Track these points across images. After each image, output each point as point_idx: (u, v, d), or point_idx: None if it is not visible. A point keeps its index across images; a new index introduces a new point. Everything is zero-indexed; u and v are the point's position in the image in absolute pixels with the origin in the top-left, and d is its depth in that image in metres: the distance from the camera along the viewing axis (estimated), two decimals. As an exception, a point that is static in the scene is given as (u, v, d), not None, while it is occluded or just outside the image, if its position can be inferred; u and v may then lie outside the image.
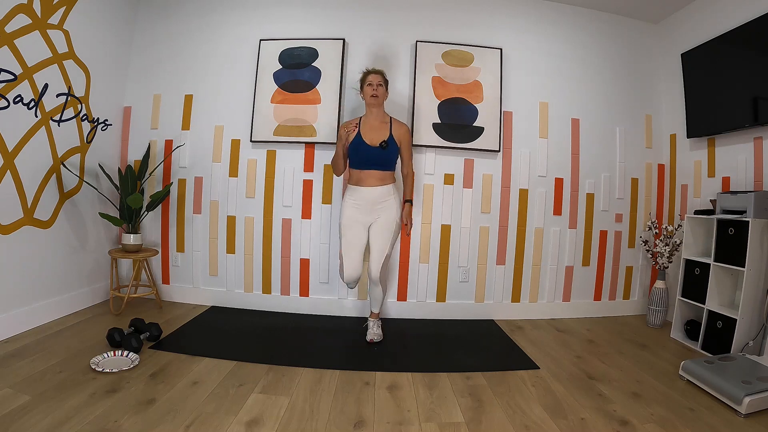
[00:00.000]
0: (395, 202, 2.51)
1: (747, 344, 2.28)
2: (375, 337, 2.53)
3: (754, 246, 2.26)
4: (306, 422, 1.61)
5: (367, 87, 2.49)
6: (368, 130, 2.49)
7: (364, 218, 2.49)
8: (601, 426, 1.66)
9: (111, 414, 1.56)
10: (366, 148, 2.45)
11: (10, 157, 2.21)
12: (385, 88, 2.54)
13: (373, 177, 2.47)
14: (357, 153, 2.47)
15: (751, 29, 2.47)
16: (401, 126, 2.55)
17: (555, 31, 3.18)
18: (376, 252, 2.47)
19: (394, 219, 2.50)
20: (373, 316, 2.63)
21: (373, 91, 2.47)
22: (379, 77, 2.50)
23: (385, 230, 2.48)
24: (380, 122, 2.52)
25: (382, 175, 2.49)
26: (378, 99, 2.49)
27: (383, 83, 2.51)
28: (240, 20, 3.09)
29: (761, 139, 2.51)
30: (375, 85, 2.47)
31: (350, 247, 2.49)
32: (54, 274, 2.55)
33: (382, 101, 2.52)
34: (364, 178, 2.48)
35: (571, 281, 3.20)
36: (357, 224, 2.49)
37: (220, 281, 3.11)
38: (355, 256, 2.48)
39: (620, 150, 3.24)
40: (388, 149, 2.46)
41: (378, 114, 2.53)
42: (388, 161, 2.50)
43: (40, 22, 2.32)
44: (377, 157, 2.46)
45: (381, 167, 2.48)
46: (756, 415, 1.73)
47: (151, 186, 3.11)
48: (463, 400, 1.85)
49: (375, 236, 2.49)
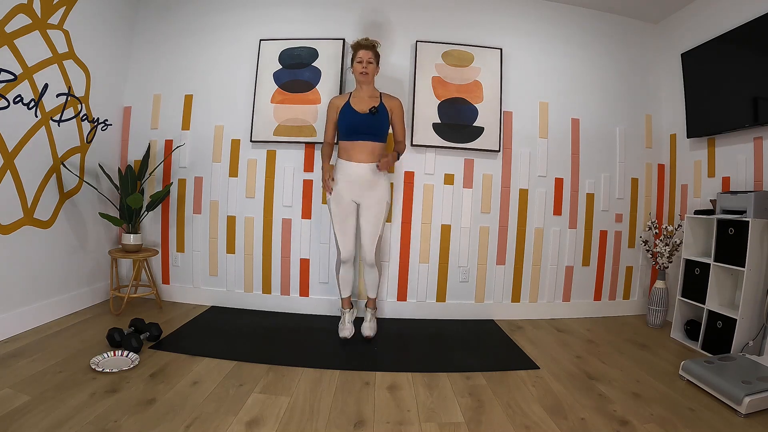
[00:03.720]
0: (385, 182, 2.49)
1: (747, 344, 2.28)
2: (371, 332, 2.51)
3: (754, 246, 2.26)
4: (306, 422, 1.61)
5: (356, 64, 2.42)
6: (358, 102, 2.46)
7: (353, 195, 2.46)
8: (601, 426, 1.66)
9: (111, 414, 1.56)
10: (355, 114, 2.40)
11: (10, 157, 2.21)
12: (376, 64, 2.47)
13: (364, 150, 2.41)
14: (346, 120, 2.41)
15: (751, 29, 2.47)
16: (393, 98, 2.52)
17: (555, 31, 3.18)
18: (368, 235, 2.47)
19: (384, 200, 2.47)
20: (369, 303, 2.62)
21: (363, 69, 2.41)
22: (369, 53, 2.41)
23: (376, 214, 2.47)
24: (369, 96, 2.48)
25: (372, 147, 2.42)
26: (368, 76, 2.43)
27: (373, 60, 2.43)
28: (240, 20, 3.09)
29: (761, 139, 2.51)
30: (365, 62, 2.40)
31: (342, 226, 2.49)
32: (54, 274, 2.55)
33: (372, 78, 2.47)
34: (354, 152, 2.41)
35: (571, 281, 3.20)
36: (346, 201, 2.47)
37: (220, 281, 3.11)
38: (348, 236, 2.49)
39: (620, 150, 3.24)
40: (379, 116, 2.41)
41: (368, 89, 2.49)
42: (379, 129, 2.44)
43: (40, 22, 2.32)
44: (367, 124, 2.40)
45: (371, 136, 2.41)
46: (756, 415, 1.73)
47: (151, 186, 3.11)
48: (463, 400, 1.85)
49: (366, 221, 2.47)
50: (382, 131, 2.46)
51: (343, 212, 2.48)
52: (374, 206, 2.47)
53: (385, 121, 2.47)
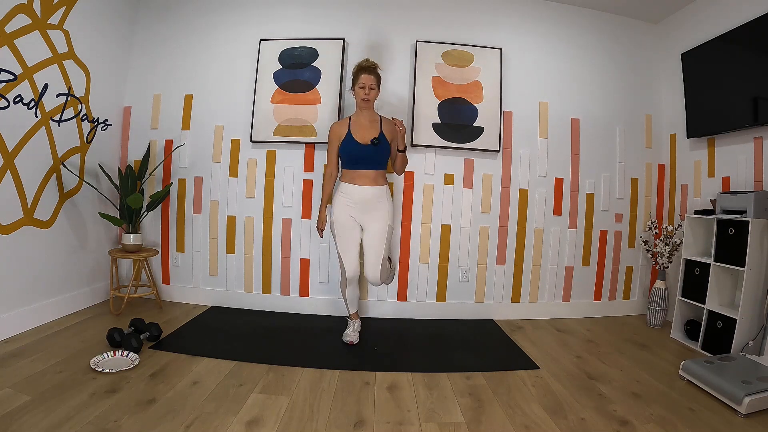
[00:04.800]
0: (388, 204, 2.49)
1: (747, 344, 2.28)
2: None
3: (754, 246, 2.26)
4: (306, 422, 1.61)
5: (359, 89, 2.42)
6: (358, 128, 2.46)
7: (357, 216, 2.47)
8: (601, 426, 1.66)
9: (111, 414, 1.56)
10: (357, 146, 2.42)
11: (10, 157, 2.21)
12: (378, 88, 2.48)
13: (366, 177, 2.44)
14: (348, 151, 2.44)
15: (751, 29, 2.47)
16: (391, 123, 2.53)
17: (555, 31, 3.18)
18: (372, 257, 2.45)
19: (386, 222, 2.47)
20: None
21: (365, 95, 2.41)
22: (372, 79, 2.42)
23: (379, 236, 2.45)
24: (370, 121, 2.49)
25: (374, 175, 2.45)
26: (369, 103, 2.45)
27: (375, 85, 2.44)
28: (240, 20, 3.09)
29: (761, 139, 2.51)
30: (367, 88, 2.41)
31: (347, 247, 2.47)
32: (54, 274, 2.55)
33: (372, 104, 2.49)
34: (356, 177, 2.44)
35: (571, 281, 3.20)
36: (350, 222, 2.47)
37: (220, 281, 3.11)
38: (353, 255, 2.48)
39: (620, 150, 3.24)
40: (380, 146, 2.43)
41: (368, 114, 2.50)
42: (380, 159, 2.47)
43: (40, 22, 2.32)
44: (369, 155, 2.42)
45: (373, 166, 2.44)
46: (756, 415, 1.73)
47: (151, 186, 3.11)
48: (463, 400, 1.85)
49: (369, 242, 2.46)
50: (383, 160, 2.49)
51: (347, 231, 2.47)
52: (377, 231, 2.45)
53: (386, 151, 2.48)
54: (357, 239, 2.49)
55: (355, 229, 2.48)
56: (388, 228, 2.48)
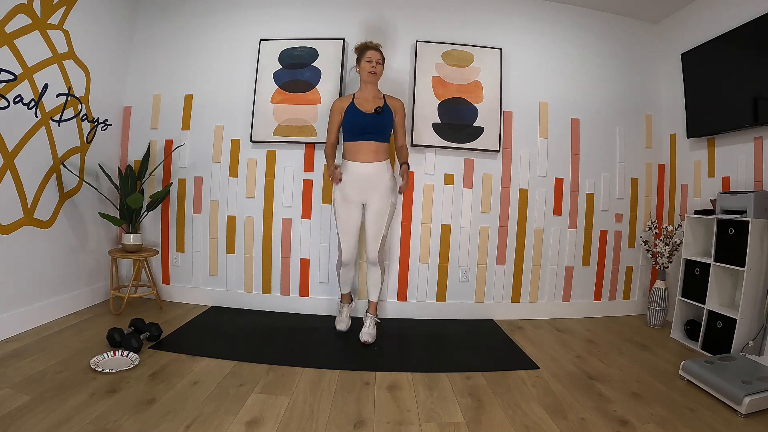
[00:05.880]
0: (390, 181, 2.50)
1: (747, 344, 2.28)
2: (369, 338, 2.46)
3: (754, 246, 2.26)
4: (306, 422, 1.61)
5: (365, 63, 2.46)
6: (363, 102, 2.49)
7: (359, 196, 2.47)
8: (601, 426, 1.66)
9: (111, 414, 1.56)
10: (360, 114, 2.43)
11: (10, 157, 2.21)
12: (383, 66, 2.53)
13: (368, 150, 2.44)
14: (351, 120, 2.45)
15: (751, 29, 2.47)
16: (396, 99, 2.57)
17: (555, 31, 3.18)
18: (373, 235, 2.48)
19: (389, 200, 2.48)
20: (371, 308, 2.59)
21: (372, 68, 2.45)
22: (378, 54, 2.48)
23: (381, 215, 2.48)
24: (374, 97, 2.52)
25: (376, 147, 2.45)
26: (376, 76, 2.48)
27: (381, 61, 2.50)
28: (240, 20, 3.09)
29: (761, 139, 2.51)
30: (374, 62, 2.46)
31: (346, 228, 2.49)
32: (54, 274, 2.55)
33: (378, 78, 2.52)
34: (359, 151, 2.44)
35: (571, 281, 3.20)
36: (351, 203, 2.48)
37: (220, 281, 3.11)
38: (351, 236, 2.50)
39: (620, 150, 3.24)
40: (383, 115, 2.44)
41: (372, 90, 2.53)
42: (383, 129, 2.47)
43: (40, 22, 2.32)
44: (372, 124, 2.43)
45: (376, 136, 2.45)
46: (756, 415, 1.73)
47: (151, 186, 3.11)
48: (463, 400, 1.85)
49: (370, 221, 2.48)
50: (386, 131, 2.50)
51: (349, 213, 2.49)
52: (379, 204, 2.47)
53: (389, 121, 2.50)
54: (357, 220, 2.50)
55: (355, 212, 2.49)
56: (390, 206, 2.49)
